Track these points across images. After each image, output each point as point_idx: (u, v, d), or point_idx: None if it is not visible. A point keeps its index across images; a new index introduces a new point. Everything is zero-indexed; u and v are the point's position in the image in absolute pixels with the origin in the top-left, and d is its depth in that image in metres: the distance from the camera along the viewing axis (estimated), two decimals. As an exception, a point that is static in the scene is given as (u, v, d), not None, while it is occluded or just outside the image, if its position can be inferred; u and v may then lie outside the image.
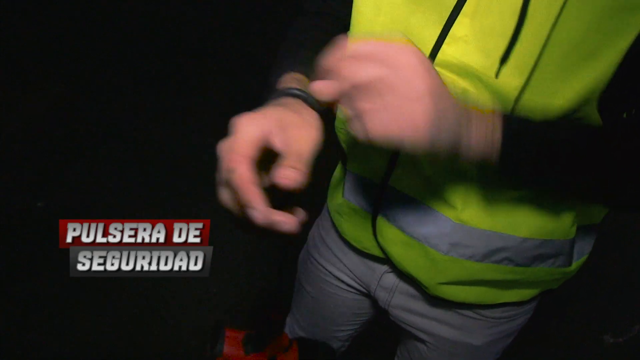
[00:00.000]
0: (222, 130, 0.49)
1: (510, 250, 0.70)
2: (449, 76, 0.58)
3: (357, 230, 0.81)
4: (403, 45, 0.46)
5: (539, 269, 0.72)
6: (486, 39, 0.55)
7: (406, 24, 0.59)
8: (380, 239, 0.76)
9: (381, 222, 0.74)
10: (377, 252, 0.79)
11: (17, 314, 1.66)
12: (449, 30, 0.57)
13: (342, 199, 0.81)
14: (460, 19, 0.56)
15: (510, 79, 0.54)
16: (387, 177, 0.70)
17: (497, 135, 0.51)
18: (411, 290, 0.81)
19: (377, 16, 0.61)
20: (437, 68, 0.59)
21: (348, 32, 0.67)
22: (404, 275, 0.78)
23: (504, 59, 0.54)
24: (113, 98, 2.48)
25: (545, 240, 0.70)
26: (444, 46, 0.57)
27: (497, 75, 0.55)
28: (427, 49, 0.58)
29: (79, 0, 2.89)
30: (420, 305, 0.82)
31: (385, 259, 0.79)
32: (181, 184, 2.14)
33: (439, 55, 0.58)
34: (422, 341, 0.88)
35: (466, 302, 0.77)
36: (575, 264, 0.76)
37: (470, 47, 0.56)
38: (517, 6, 0.52)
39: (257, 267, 1.87)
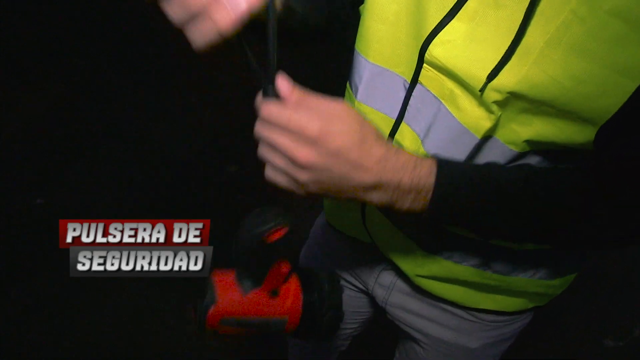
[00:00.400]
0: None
1: (487, 257, 0.70)
2: (437, 75, 0.58)
3: (345, 213, 0.81)
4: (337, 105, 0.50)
5: (519, 279, 0.72)
6: (476, 50, 0.54)
7: (412, 15, 0.59)
8: (368, 224, 0.76)
9: (371, 208, 0.75)
10: (365, 237, 0.79)
11: (17, 314, 1.66)
12: (439, 31, 0.56)
13: None
14: (454, 23, 0.55)
15: (495, 95, 0.53)
16: None
17: (431, 179, 0.53)
18: (408, 289, 0.82)
19: (391, 4, 0.61)
20: (427, 66, 0.59)
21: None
22: (402, 273, 0.79)
23: (492, 76, 0.53)
24: (113, 98, 2.48)
25: (523, 251, 0.69)
26: (430, 47, 0.57)
27: (482, 89, 0.54)
28: (419, 44, 0.58)
29: (79, 0, 2.89)
30: (417, 305, 0.83)
31: (382, 256, 0.80)
32: (181, 184, 2.14)
33: (426, 56, 0.58)
34: (419, 342, 0.88)
35: (452, 300, 0.77)
36: (559, 280, 0.75)
37: (459, 53, 0.55)
38: (516, 23, 0.51)
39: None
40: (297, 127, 0.47)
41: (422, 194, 0.53)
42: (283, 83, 0.49)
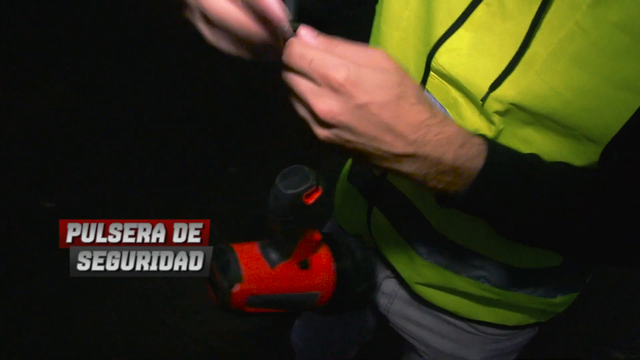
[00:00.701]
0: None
1: (486, 270, 0.69)
2: (442, 83, 0.58)
3: (352, 215, 0.82)
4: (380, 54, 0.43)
5: (519, 294, 0.72)
6: (480, 59, 0.54)
7: (423, 21, 0.59)
8: (372, 228, 0.76)
9: (376, 212, 0.75)
10: (369, 240, 0.79)
11: (17, 314, 1.66)
12: (446, 39, 0.56)
13: (346, 181, 0.82)
14: (461, 31, 0.55)
15: (497, 105, 0.53)
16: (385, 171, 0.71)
17: (479, 162, 0.46)
18: (409, 298, 0.81)
19: (404, 10, 0.60)
20: (433, 73, 0.58)
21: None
22: (404, 283, 0.78)
23: (494, 86, 0.52)
24: (113, 98, 2.48)
25: (522, 268, 0.69)
26: (436, 54, 0.57)
27: (484, 99, 0.53)
28: (427, 51, 0.58)
29: (79, 0, 2.89)
30: (418, 314, 0.82)
31: (385, 263, 0.79)
32: (181, 184, 2.14)
33: (432, 64, 0.57)
34: (420, 353, 0.87)
35: (451, 311, 0.77)
36: (560, 298, 0.74)
37: (463, 61, 0.55)
38: (521, 34, 0.50)
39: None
40: (319, 71, 0.40)
41: (464, 176, 0.46)
42: (305, 29, 0.42)
